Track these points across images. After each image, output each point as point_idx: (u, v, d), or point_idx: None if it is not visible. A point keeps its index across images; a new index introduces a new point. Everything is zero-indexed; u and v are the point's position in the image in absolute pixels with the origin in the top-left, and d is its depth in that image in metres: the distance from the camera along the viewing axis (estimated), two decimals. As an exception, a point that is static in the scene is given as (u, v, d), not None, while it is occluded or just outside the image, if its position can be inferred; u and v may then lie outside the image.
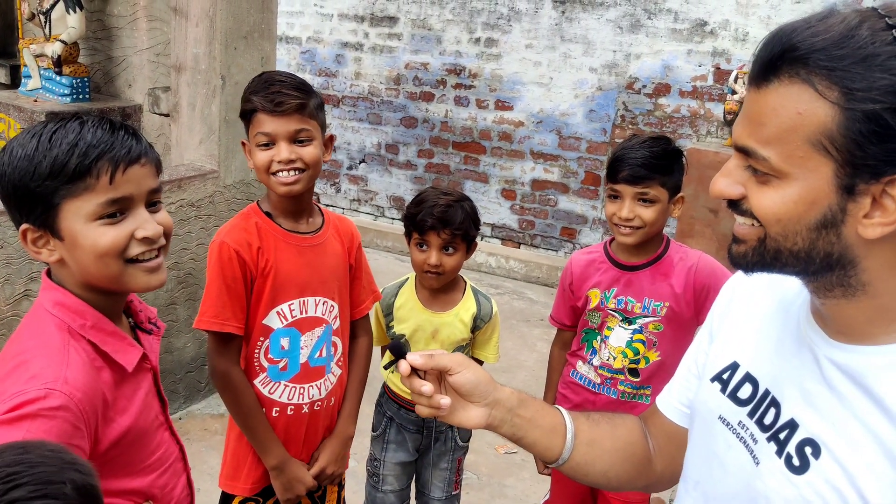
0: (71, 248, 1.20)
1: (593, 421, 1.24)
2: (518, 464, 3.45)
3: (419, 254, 2.17)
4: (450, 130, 6.29)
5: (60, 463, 0.75)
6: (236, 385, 1.86)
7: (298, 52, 6.80)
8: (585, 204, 5.86)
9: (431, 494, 2.43)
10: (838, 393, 0.88)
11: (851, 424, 0.86)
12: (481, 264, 5.94)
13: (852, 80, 0.79)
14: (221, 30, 3.40)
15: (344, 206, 6.86)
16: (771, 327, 1.02)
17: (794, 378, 0.95)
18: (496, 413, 1.17)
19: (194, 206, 3.41)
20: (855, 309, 0.88)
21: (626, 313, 2.15)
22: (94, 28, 4.08)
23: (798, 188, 0.84)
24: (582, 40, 5.67)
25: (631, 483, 1.25)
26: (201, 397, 3.67)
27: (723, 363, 1.07)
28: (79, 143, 1.16)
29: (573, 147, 5.84)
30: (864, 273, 0.86)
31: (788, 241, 0.87)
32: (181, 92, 3.60)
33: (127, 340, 1.28)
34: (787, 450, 0.91)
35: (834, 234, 0.85)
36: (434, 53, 6.23)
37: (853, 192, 0.82)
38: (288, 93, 1.76)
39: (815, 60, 0.81)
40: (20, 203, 1.19)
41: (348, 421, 2.06)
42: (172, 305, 3.44)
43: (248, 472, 1.94)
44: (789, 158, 0.84)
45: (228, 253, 1.80)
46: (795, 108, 0.82)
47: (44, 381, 1.11)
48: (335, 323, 1.97)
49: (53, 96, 3.96)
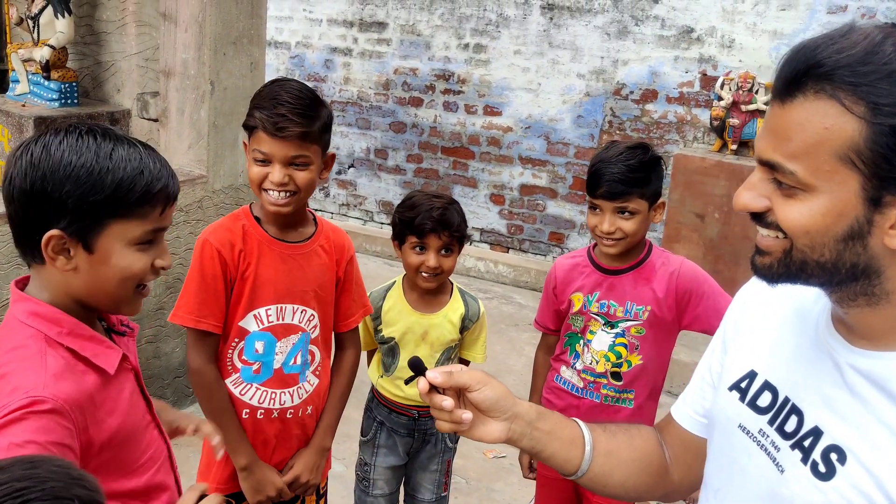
0: (98, 264, 1.20)
1: (610, 432, 1.25)
2: (506, 468, 3.46)
3: (416, 256, 2.19)
4: (438, 135, 6.31)
5: (68, 479, 0.76)
6: (209, 382, 1.87)
7: (288, 57, 6.80)
8: (573, 209, 5.89)
9: (421, 497, 2.45)
10: (862, 398, 0.90)
11: (876, 429, 0.87)
12: (470, 269, 5.96)
13: (878, 96, 0.81)
14: (210, 35, 3.40)
15: (333, 210, 6.86)
16: (788, 335, 1.03)
17: (815, 385, 0.96)
18: (515, 427, 1.18)
19: (183, 210, 3.41)
20: (879, 317, 0.90)
21: (608, 317, 2.16)
22: (83, 33, 4.07)
23: (825, 201, 0.86)
24: (570, 46, 5.70)
25: (649, 493, 1.26)
26: (189, 402, 3.66)
27: (740, 372, 1.08)
28: (144, 172, 1.19)
29: (561, 152, 5.87)
30: (889, 282, 0.88)
31: (815, 252, 0.89)
32: (170, 97, 3.60)
33: (105, 343, 1.28)
34: (813, 457, 0.92)
35: (861, 246, 0.87)
36: (423, 59, 6.25)
37: (880, 203, 0.84)
38: (291, 118, 1.74)
39: (840, 76, 0.82)
40: (61, 209, 1.17)
41: (326, 432, 2.05)
42: (161, 311, 3.44)
43: (217, 471, 1.95)
44: (816, 172, 0.85)
45: (210, 251, 1.82)
46: (822, 124, 0.84)
47: (25, 391, 1.11)
48: (313, 332, 1.96)
49: (42, 101, 3.95)
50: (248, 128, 1.81)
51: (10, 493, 0.71)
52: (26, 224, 1.20)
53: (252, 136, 1.80)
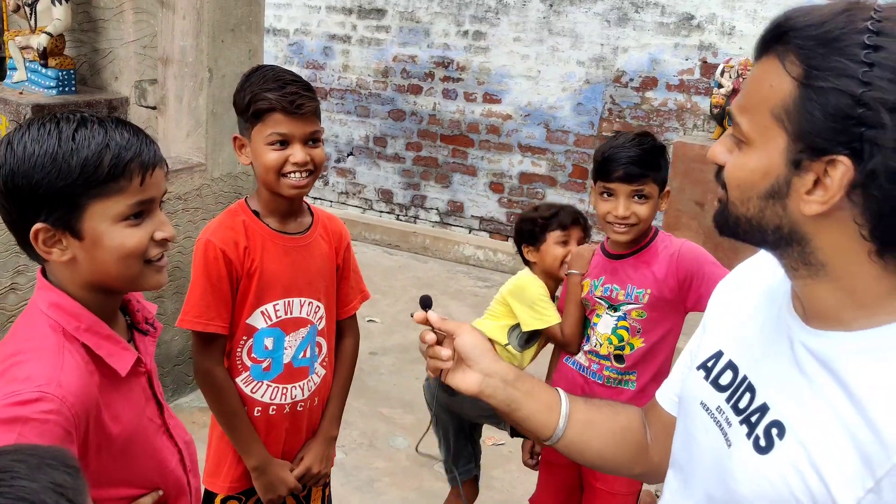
0: (91, 249, 1.18)
1: (593, 405, 1.28)
2: (505, 455, 3.47)
3: (561, 249, 2.43)
4: (438, 123, 6.29)
5: (46, 482, 0.74)
6: (219, 384, 1.84)
7: (286, 44, 6.78)
8: (573, 197, 5.88)
9: None
10: (808, 377, 0.91)
11: (818, 407, 0.89)
12: (469, 257, 5.96)
13: (814, 59, 0.83)
14: (209, 22, 3.38)
15: (332, 199, 6.85)
16: (756, 316, 1.05)
17: (770, 363, 0.98)
18: (489, 381, 1.22)
19: (181, 198, 3.40)
20: (823, 291, 0.91)
21: (610, 300, 2.20)
22: (80, 20, 4.05)
23: (758, 157, 0.90)
24: (570, 34, 5.68)
25: (627, 467, 1.28)
26: (189, 390, 3.67)
27: (709, 352, 1.10)
28: (110, 145, 1.16)
29: (561, 140, 5.86)
30: (819, 252, 0.89)
31: (743, 206, 0.93)
32: (168, 85, 3.58)
33: (122, 344, 1.26)
34: (756, 431, 0.94)
35: (780, 207, 0.89)
36: (422, 46, 6.23)
37: (799, 167, 0.86)
38: (305, 94, 1.75)
39: (792, 39, 0.86)
40: (37, 202, 1.15)
41: (333, 422, 2.04)
42: (160, 299, 3.44)
43: (229, 470, 1.92)
44: (756, 127, 0.90)
45: (214, 252, 1.77)
46: (769, 82, 0.88)
47: (37, 384, 1.10)
48: (320, 324, 1.95)
49: (39, 89, 3.94)
50: (258, 114, 1.76)
51: None
52: (16, 224, 1.19)
53: (264, 122, 1.75)
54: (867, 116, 0.80)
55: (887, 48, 0.81)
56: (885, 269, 0.87)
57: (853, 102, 0.81)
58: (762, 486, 0.92)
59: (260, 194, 1.87)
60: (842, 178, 0.83)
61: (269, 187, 1.81)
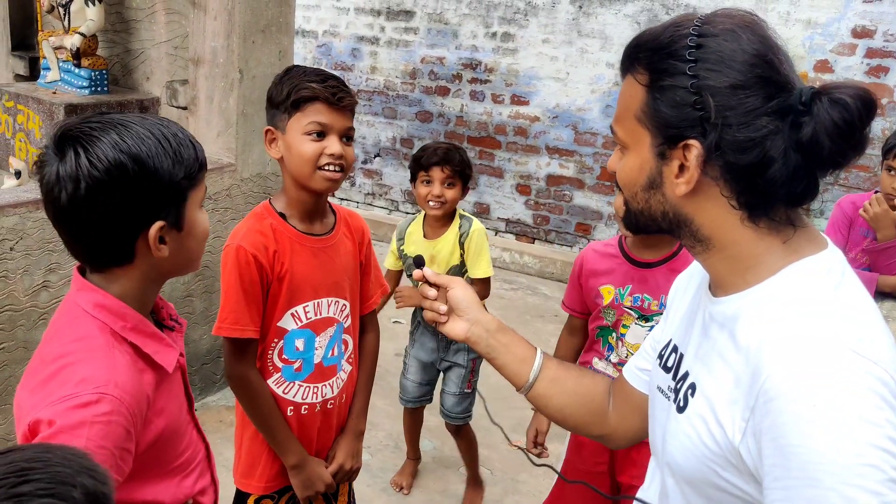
0: (185, 238, 1.25)
1: (565, 367, 1.42)
2: (533, 458, 3.44)
3: (424, 188, 2.75)
4: (465, 125, 6.28)
5: (77, 467, 0.75)
6: (255, 388, 1.85)
7: (315, 45, 6.81)
8: (601, 200, 5.84)
9: (448, 390, 2.96)
10: (711, 339, 1.05)
11: (716, 362, 1.02)
12: (495, 259, 5.94)
13: (654, 65, 1.00)
14: (240, 23, 3.41)
15: (359, 200, 6.87)
16: (692, 302, 1.19)
17: (692, 338, 1.12)
18: (474, 329, 1.40)
19: (211, 199, 3.42)
20: (716, 262, 1.05)
21: (642, 311, 2.14)
22: (113, 20, 4.10)
23: (633, 157, 1.05)
24: (599, 35, 5.64)
25: (586, 427, 1.40)
26: (216, 389, 3.69)
27: (663, 342, 1.24)
28: (191, 140, 1.24)
29: (589, 142, 5.82)
30: (703, 229, 1.03)
31: (634, 201, 1.08)
32: (199, 85, 3.61)
33: (165, 341, 1.28)
34: (679, 395, 1.09)
35: (660, 194, 1.04)
36: (450, 48, 6.22)
37: (665, 157, 1.01)
38: (345, 89, 1.78)
39: (637, 55, 1.03)
40: (157, 199, 1.18)
41: (360, 417, 2.06)
42: (189, 298, 3.46)
43: (263, 470, 1.94)
44: (627, 132, 1.05)
45: (246, 257, 1.77)
46: (629, 93, 1.04)
47: (95, 385, 1.11)
48: (346, 321, 1.96)
49: (72, 88, 3.99)
50: (298, 103, 1.76)
51: (15, 472, 0.72)
52: (111, 229, 1.17)
53: (303, 111, 1.75)
54: (699, 102, 0.96)
55: (706, 45, 0.97)
56: (759, 232, 1.01)
57: (687, 93, 0.97)
58: (681, 441, 1.05)
59: (287, 193, 1.86)
60: (696, 158, 0.98)
61: (301, 180, 1.80)
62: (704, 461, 1.01)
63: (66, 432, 1.07)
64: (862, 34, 4.92)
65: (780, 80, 0.96)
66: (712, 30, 0.98)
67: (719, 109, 0.95)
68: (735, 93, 0.95)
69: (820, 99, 0.93)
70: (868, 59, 4.93)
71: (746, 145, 0.95)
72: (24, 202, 2.74)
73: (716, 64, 0.96)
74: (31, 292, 2.79)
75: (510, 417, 3.39)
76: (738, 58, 0.96)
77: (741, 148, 0.96)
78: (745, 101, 0.95)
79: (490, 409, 2.48)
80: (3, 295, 2.71)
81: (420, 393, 3.05)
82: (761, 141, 0.95)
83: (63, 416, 1.08)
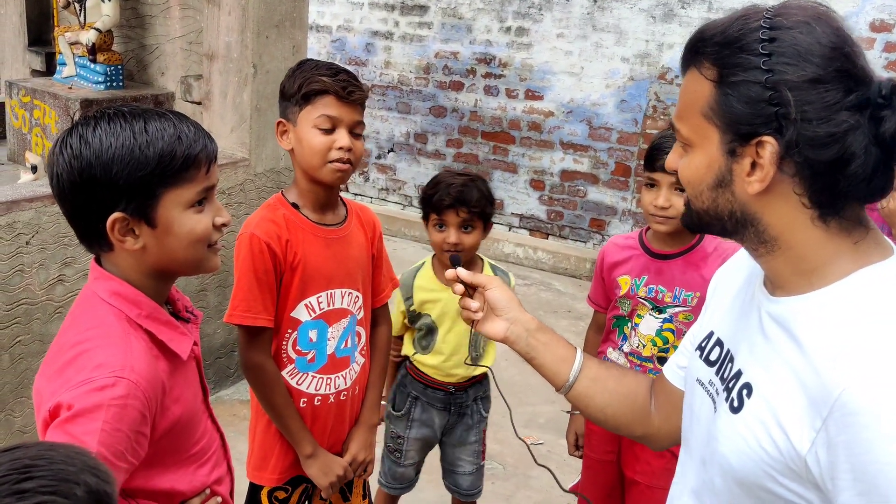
0: (164, 237, 1.24)
1: (606, 366, 1.40)
2: (544, 455, 3.44)
3: (438, 234, 2.26)
4: (479, 120, 6.27)
5: (81, 465, 0.76)
6: (270, 378, 1.86)
7: (329, 40, 6.81)
8: (615, 195, 5.82)
9: (462, 469, 2.51)
10: (771, 340, 1.02)
11: (777, 365, 0.99)
12: (508, 255, 5.93)
13: (723, 60, 0.97)
14: (253, 18, 3.41)
15: (372, 195, 6.88)
16: (738, 297, 1.17)
17: (745, 335, 1.09)
18: (514, 329, 1.38)
19: (225, 193, 3.44)
20: (780, 263, 1.02)
21: (656, 302, 2.15)
22: (128, 16, 4.12)
23: (699, 155, 1.02)
24: (614, 30, 5.61)
25: (628, 427, 1.38)
26: (230, 383, 3.71)
27: (703, 333, 1.22)
28: (181, 137, 1.22)
29: (604, 138, 5.80)
30: (771, 228, 1.00)
31: (698, 200, 1.05)
32: (213, 80, 3.62)
33: (179, 329, 1.30)
34: (732, 395, 1.06)
35: (729, 193, 1.01)
36: (464, 42, 6.21)
37: (735, 154, 0.98)
38: (356, 83, 1.80)
39: (702, 49, 1.00)
40: (115, 193, 1.19)
41: (373, 409, 2.07)
42: (203, 292, 3.48)
43: (276, 462, 1.95)
44: (692, 129, 1.02)
45: (259, 245, 1.79)
46: (693, 89, 1.01)
47: (111, 370, 1.14)
48: (359, 313, 1.97)
49: (88, 84, 4.01)
50: (308, 95, 1.78)
51: (19, 468, 0.72)
52: (86, 216, 1.23)
53: (314, 104, 1.78)
54: (775, 97, 0.93)
55: (780, 38, 0.94)
56: (829, 233, 0.98)
57: (761, 88, 0.94)
58: (736, 443, 1.02)
59: (298, 185, 1.89)
60: (771, 155, 0.95)
61: (311, 172, 1.82)
62: (761, 465, 0.98)
63: (83, 415, 1.10)
64: (880, 28, 4.87)
65: (858, 74, 0.94)
66: (785, 22, 0.95)
67: (798, 104, 0.92)
68: (814, 87, 0.92)
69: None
70: (887, 54, 4.88)
71: (827, 141, 0.92)
72: (39, 196, 2.76)
73: (792, 58, 0.93)
74: (47, 286, 2.81)
75: (522, 413, 3.39)
76: (815, 51, 0.93)
77: (821, 144, 0.93)
78: (825, 95, 0.92)
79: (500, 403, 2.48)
80: (19, 288, 2.73)
81: (417, 471, 2.57)
82: (842, 136, 0.92)
83: (80, 400, 1.11)
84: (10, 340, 2.75)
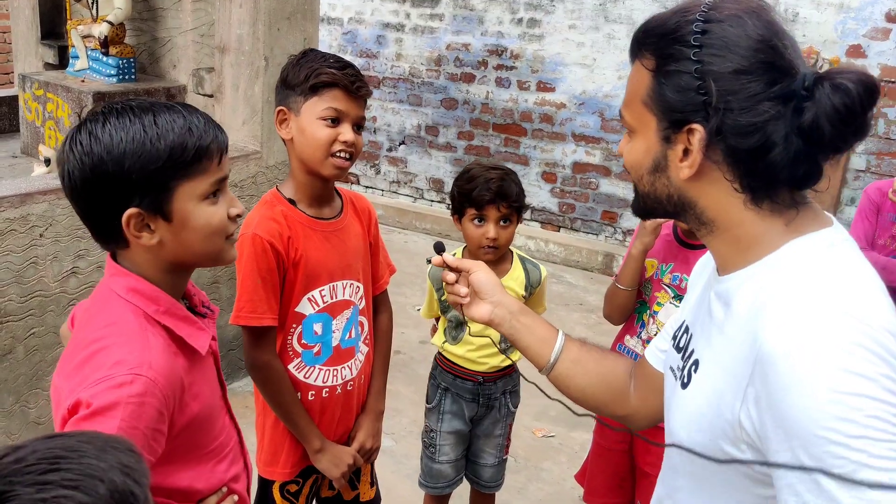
0: (180, 230, 1.23)
1: (587, 348, 1.44)
2: (555, 447, 3.44)
3: (476, 229, 2.24)
4: (490, 112, 6.25)
5: (113, 462, 0.74)
6: (277, 376, 1.87)
7: (340, 32, 6.80)
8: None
9: (484, 461, 2.51)
10: (714, 317, 1.08)
11: (717, 337, 1.05)
12: (520, 247, 5.92)
13: (661, 50, 1.02)
14: (265, 10, 3.41)
15: (383, 187, 6.88)
16: (704, 285, 1.22)
17: (700, 317, 1.15)
18: (498, 311, 1.43)
19: (237, 186, 3.44)
20: (720, 243, 1.08)
21: (678, 290, 2.16)
22: (140, 9, 4.12)
23: (640, 140, 1.08)
24: (626, 21, 5.58)
25: (606, 407, 1.42)
26: (242, 375, 3.72)
27: (677, 323, 1.27)
28: (192, 129, 1.22)
29: (616, 129, 5.77)
30: (708, 211, 1.06)
31: (640, 185, 1.12)
32: (225, 73, 3.63)
33: (197, 324, 1.30)
34: (683, 372, 1.13)
35: (665, 178, 1.07)
36: (475, 34, 6.19)
37: (670, 141, 1.04)
38: (362, 78, 1.81)
39: (646, 39, 1.05)
40: (128, 188, 1.19)
41: (378, 397, 2.09)
42: (215, 284, 3.49)
43: (287, 456, 1.96)
44: (634, 116, 1.08)
45: (262, 245, 1.78)
46: (636, 78, 1.07)
47: (129, 367, 1.14)
48: (361, 303, 1.98)
49: (100, 77, 4.02)
50: (316, 87, 1.77)
51: (49, 458, 0.71)
52: (99, 213, 1.22)
53: (321, 96, 1.77)
54: (703, 87, 0.98)
55: (711, 31, 0.98)
56: (761, 213, 1.03)
57: (691, 78, 0.99)
58: (683, 415, 1.09)
59: (295, 178, 1.88)
60: (699, 142, 1.00)
61: (311, 164, 1.82)
62: (707, 435, 1.03)
63: (101, 413, 1.10)
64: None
65: (783, 66, 0.97)
66: (718, 15, 0.99)
67: (721, 94, 0.97)
68: (738, 78, 0.97)
69: (822, 84, 0.94)
70: (902, 44, 4.83)
71: (748, 129, 0.97)
72: (53, 189, 2.77)
73: (720, 49, 0.97)
74: (61, 278, 2.83)
75: (533, 405, 3.39)
76: (742, 43, 0.97)
77: (742, 132, 0.97)
78: (748, 85, 0.96)
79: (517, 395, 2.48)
80: (33, 281, 2.75)
81: (457, 471, 2.51)
82: (763, 125, 0.97)
83: (98, 398, 1.10)
84: (25, 332, 2.77)
